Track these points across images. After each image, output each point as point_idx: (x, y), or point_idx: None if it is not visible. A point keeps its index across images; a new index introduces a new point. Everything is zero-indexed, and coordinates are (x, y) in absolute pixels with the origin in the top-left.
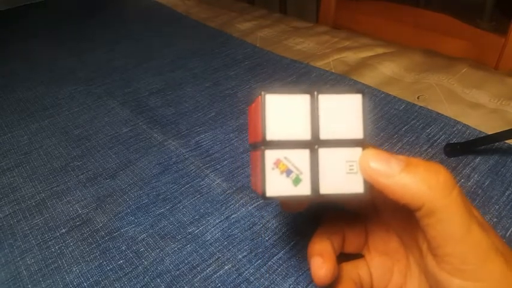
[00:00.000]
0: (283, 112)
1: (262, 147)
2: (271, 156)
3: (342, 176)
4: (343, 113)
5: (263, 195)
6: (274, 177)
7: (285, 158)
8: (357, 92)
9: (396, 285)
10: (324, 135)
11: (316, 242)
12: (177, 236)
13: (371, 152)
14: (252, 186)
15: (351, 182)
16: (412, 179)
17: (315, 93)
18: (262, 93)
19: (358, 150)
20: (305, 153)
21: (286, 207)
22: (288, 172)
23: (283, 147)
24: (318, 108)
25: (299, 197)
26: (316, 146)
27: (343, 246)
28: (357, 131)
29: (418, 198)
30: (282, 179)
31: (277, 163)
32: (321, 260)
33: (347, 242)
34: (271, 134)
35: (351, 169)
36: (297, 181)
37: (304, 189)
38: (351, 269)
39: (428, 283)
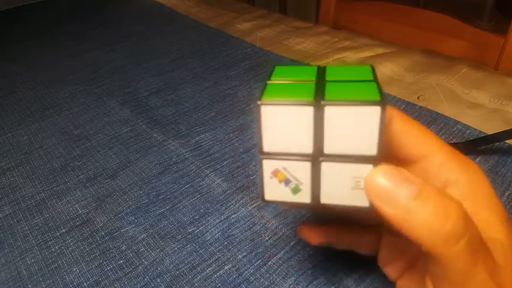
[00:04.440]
0: (281, 124)
1: (260, 156)
2: (269, 165)
3: (347, 190)
4: (355, 126)
5: (262, 199)
6: (272, 184)
7: (284, 168)
8: (375, 103)
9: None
10: (328, 149)
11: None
12: (177, 236)
13: (383, 168)
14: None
15: (356, 196)
16: (415, 216)
17: (322, 103)
18: (258, 103)
19: (369, 167)
20: (306, 165)
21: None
22: (287, 181)
23: (282, 158)
24: (323, 121)
25: (298, 204)
26: (319, 160)
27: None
28: (369, 147)
29: (418, 238)
30: (281, 187)
31: (275, 172)
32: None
33: (355, 247)
34: (269, 146)
35: (357, 185)
36: (295, 190)
37: (303, 198)
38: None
39: None
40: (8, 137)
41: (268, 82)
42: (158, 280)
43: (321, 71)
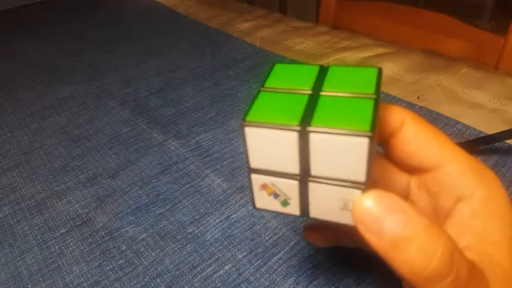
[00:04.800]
0: (266, 145)
1: (248, 170)
2: (257, 179)
3: (335, 209)
4: (342, 154)
5: (254, 206)
6: (262, 195)
7: (272, 184)
8: (363, 134)
9: None
10: (315, 171)
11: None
12: (177, 236)
13: (372, 195)
14: None
15: (345, 215)
16: (399, 252)
17: (307, 129)
18: (242, 123)
19: (357, 191)
20: (293, 183)
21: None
22: (275, 195)
23: (270, 174)
24: (308, 146)
25: (289, 215)
26: (306, 179)
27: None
28: (357, 173)
29: (401, 273)
30: (270, 199)
31: (264, 186)
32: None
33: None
34: (255, 163)
35: (345, 206)
36: (285, 203)
37: (293, 210)
38: None
39: None
40: (8, 137)
41: (262, 90)
42: (158, 280)
43: (322, 74)
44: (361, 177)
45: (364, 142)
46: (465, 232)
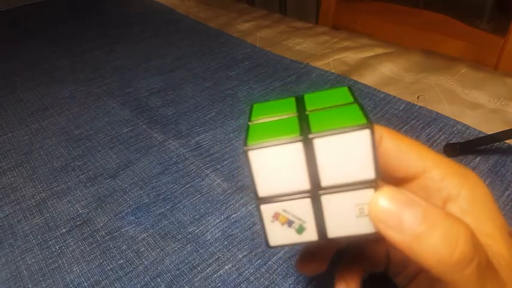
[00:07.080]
0: (272, 166)
1: (257, 202)
2: (267, 210)
3: (352, 219)
4: (347, 153)
5: (267, 245)
6: (275, 228)
7: (284, 210)
8: (363, 127)
9: None
10: (326, 181)
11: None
12: (177, 235)
13: (385, 191)
14: None
15: (363, 223)
16: (423, 242)
17: (309, 136)
18: (244, 149)
19: (370, 191)
20: (306, 202)
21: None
22: (290, 222)
23: (280, 200)
24: (314, 155)
25: (306, 243)
26: (318, 193)
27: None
28: (366, 171)
29: (427, 265)
30: (284, 229)
31: (276, 216)
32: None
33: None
34: (264, 191)
35: (361, 212)
36: (300, 230)
37: (310, 236)
38: None
39: None
40: (8, 137)
41: (250, 124)
42: (158, 280)
43: (300, 102)
44: (371, 174)
45: (366, 134)
46: None
